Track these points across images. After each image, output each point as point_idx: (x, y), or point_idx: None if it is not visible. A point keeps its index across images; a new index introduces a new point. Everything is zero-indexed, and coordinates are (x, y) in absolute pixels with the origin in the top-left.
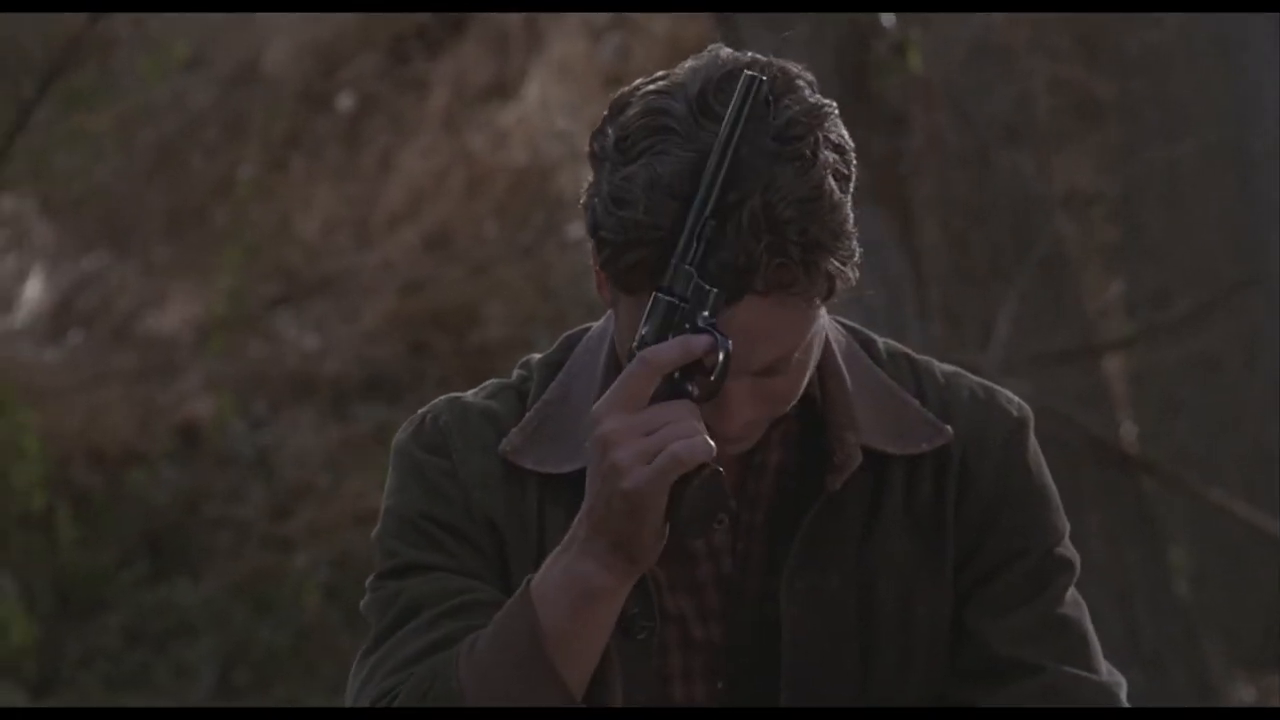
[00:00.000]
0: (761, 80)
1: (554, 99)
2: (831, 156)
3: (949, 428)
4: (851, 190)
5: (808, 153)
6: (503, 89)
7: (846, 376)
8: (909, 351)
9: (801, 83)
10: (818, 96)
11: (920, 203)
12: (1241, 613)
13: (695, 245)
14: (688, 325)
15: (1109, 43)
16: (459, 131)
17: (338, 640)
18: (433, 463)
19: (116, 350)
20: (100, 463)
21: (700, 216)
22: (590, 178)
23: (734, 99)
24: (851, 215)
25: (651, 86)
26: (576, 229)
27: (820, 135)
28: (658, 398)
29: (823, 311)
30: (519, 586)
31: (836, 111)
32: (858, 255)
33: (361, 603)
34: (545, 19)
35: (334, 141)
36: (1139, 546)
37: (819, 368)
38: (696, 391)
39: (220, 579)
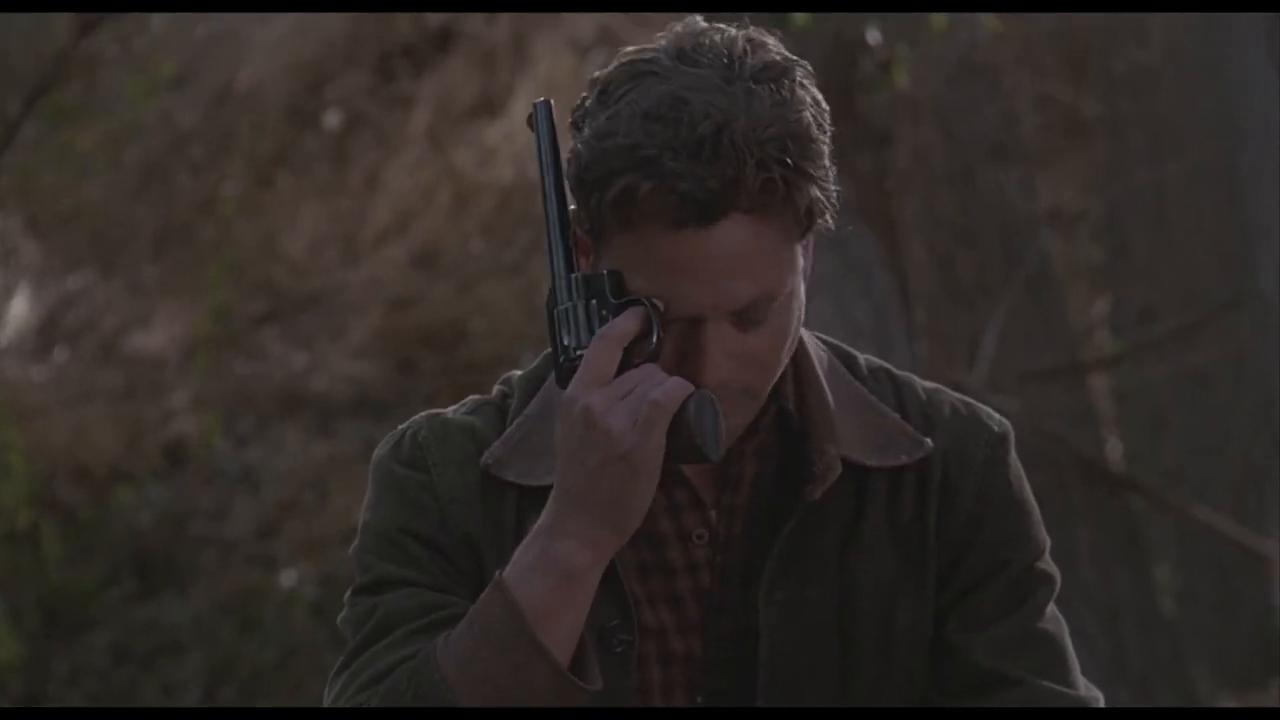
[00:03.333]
0: (549, 102)
1: None
2: (808, 97)
3: (929, 441)
4: (828, 145)
5: (784, 92)
6: (489, 106)
7: (827, 390)
8: (890, 368)
9: (771, 43)
10: (792, 56)
11: (906, 221)
12: (1229, 632)
13: (570, 254)
14: (604, 311)
15: (1095, 61)
16: (445, 149)
17: (324, 658)
18: (410, 477)
19: (103, 368)
20: (86, 480)
21: (565, 230)
22: (571, 148)
23: (538, 125)
24: (827, 150)
25: (629, 50)
26: None
27: (796, 79)
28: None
29: (800, 276)
30: None
31: (811, 73)
32: (835, 197)
33: (339, 617)
34: (531, 36)
35: (321, 159)
36: (1126, 565)
37: (798, 380)
38: (643, 359)
39: (207, 596)
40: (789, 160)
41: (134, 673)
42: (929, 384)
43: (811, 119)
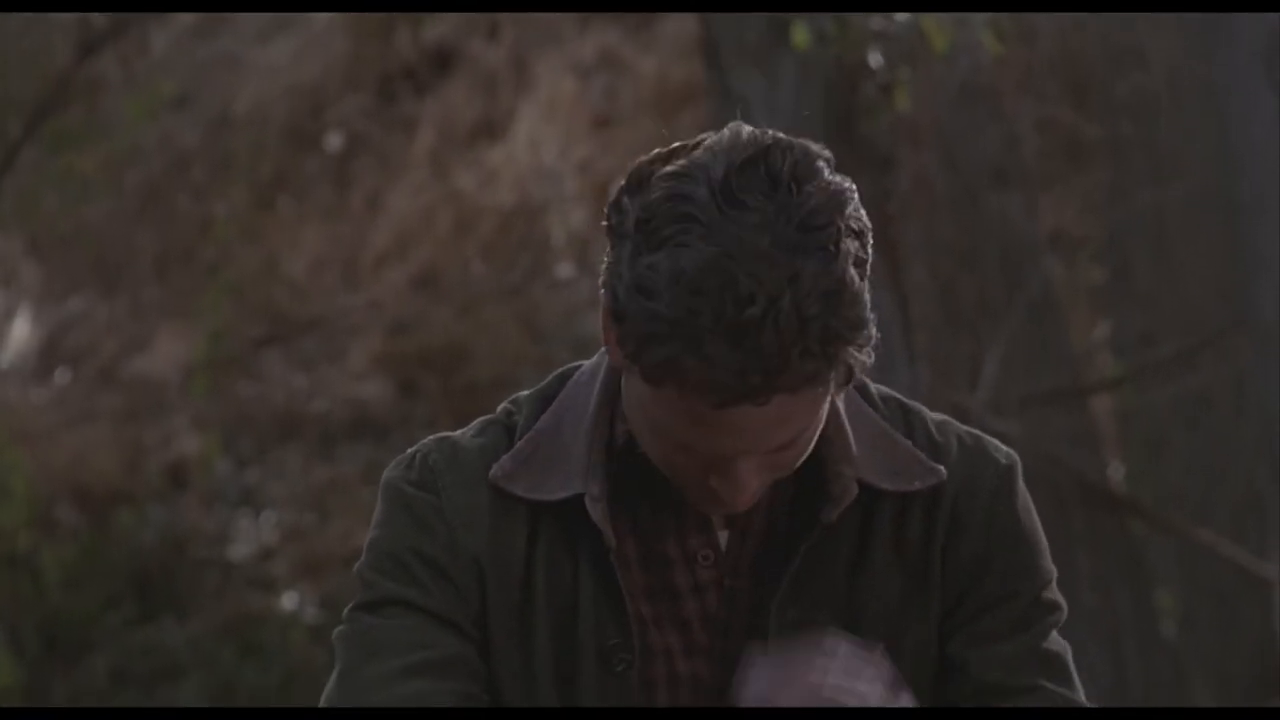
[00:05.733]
0: None
1: (542, 139)
2: (853, 245)
3: (941, 468)
4: (868, 273)
5: (831, 246)
6: (490, 129)
7: (842, 414)
8: (900, 397)
9: (821, 163)
10: (837, 177)
11: (908, 244)
12: (1230, 654)
13: None
14: None
15: (1096, 85)
16: (447, 171)
17: (324, 680)
18: (421, 498)
19: (103, 390)
20: (87, 503)
21: None
22: (609, 253)
23: None
24: (869, 300)
25: (671, 168)
26: (564, 269)
27: (842, 224)
28: None
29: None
30: (497, 623)
31: (856, 193)
32: (874, 339)
33: (335, 631)
34: (533, 59)
35: (322, 181)
36: (1127, 588)
37: None
38: None
39: (207, 620)
40: (828, 336)
41: (134, 697)
42: (937, 415)
43: (854, 272)
